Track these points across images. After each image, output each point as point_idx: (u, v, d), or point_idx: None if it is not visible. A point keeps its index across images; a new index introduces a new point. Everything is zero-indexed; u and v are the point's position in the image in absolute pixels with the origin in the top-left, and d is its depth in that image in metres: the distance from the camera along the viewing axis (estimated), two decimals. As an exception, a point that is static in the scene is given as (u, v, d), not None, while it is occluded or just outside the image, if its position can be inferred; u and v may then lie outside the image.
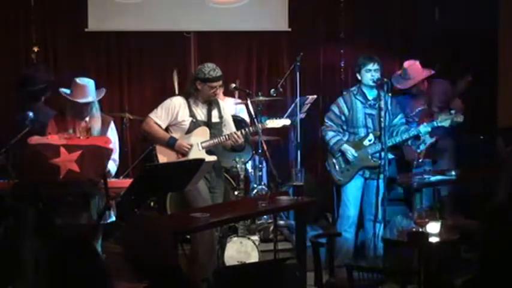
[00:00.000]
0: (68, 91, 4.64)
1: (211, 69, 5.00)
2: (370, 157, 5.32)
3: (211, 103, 5.12)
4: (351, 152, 5.31)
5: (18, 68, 6.71)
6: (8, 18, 6.77)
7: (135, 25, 6.94)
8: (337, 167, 5.42)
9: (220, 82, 5.08)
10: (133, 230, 2.75)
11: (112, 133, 4.76)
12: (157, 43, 6.99)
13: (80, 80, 4.62)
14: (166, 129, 5.10)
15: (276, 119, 5.36)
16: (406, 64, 5.86)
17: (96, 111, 4.68)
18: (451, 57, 6.87)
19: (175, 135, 5.05)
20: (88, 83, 4.63)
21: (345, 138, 5.40)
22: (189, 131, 5.06)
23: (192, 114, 5.05)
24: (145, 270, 2.62)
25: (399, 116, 5.46)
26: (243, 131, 5.09)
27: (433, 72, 5.86)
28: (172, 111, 5.04)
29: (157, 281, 2.60)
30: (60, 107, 4.78)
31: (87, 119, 4.66)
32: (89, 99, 4.59)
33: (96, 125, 4.67)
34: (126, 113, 6.59)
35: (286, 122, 5.37)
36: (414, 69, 5.83)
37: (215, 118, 5.13)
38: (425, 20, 7.11)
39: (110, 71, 6.93)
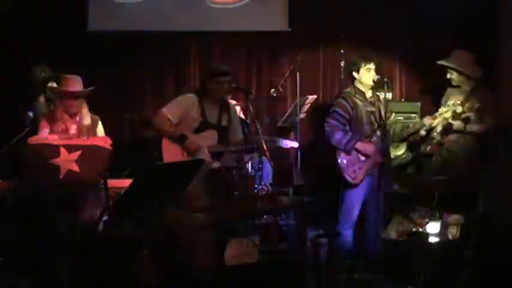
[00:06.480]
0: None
1: (217, 64, 5.04)
2: (379, 153, 5.30)
3: (222, 106, 5.08)
4: (367, 147, 5.28)
5: (17, 68, 6.72)
6: (7, 18, 6.77)
7: (135, 25, 6.94)
8: (350, 166, 5.34)
9: (228, 77, 5.03)
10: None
11: (100, 128, 4.99)
12: (157, 43, 7.00)
13: (67, 75, 4.91)
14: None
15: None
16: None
17: (86, 110, 4.91)
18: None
19: (183, 131, 5.01)
20: (75, 77, 4.90)
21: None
22: (198, 131, 5.01)
23: (203, 114, 5.01)
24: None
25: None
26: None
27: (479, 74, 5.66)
28: (185, 109, 4.98)
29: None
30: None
31: (77, 118, 4.76)
32: (76, 88, 4.83)
33: (86, 123, 4.86)
34: (126, 113, 6.59)
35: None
36: (460, 57, 5.66)
37: (225, 122, 5.09)
38: (424, 19, 7.10)
39: (110, 71, 6.92)
